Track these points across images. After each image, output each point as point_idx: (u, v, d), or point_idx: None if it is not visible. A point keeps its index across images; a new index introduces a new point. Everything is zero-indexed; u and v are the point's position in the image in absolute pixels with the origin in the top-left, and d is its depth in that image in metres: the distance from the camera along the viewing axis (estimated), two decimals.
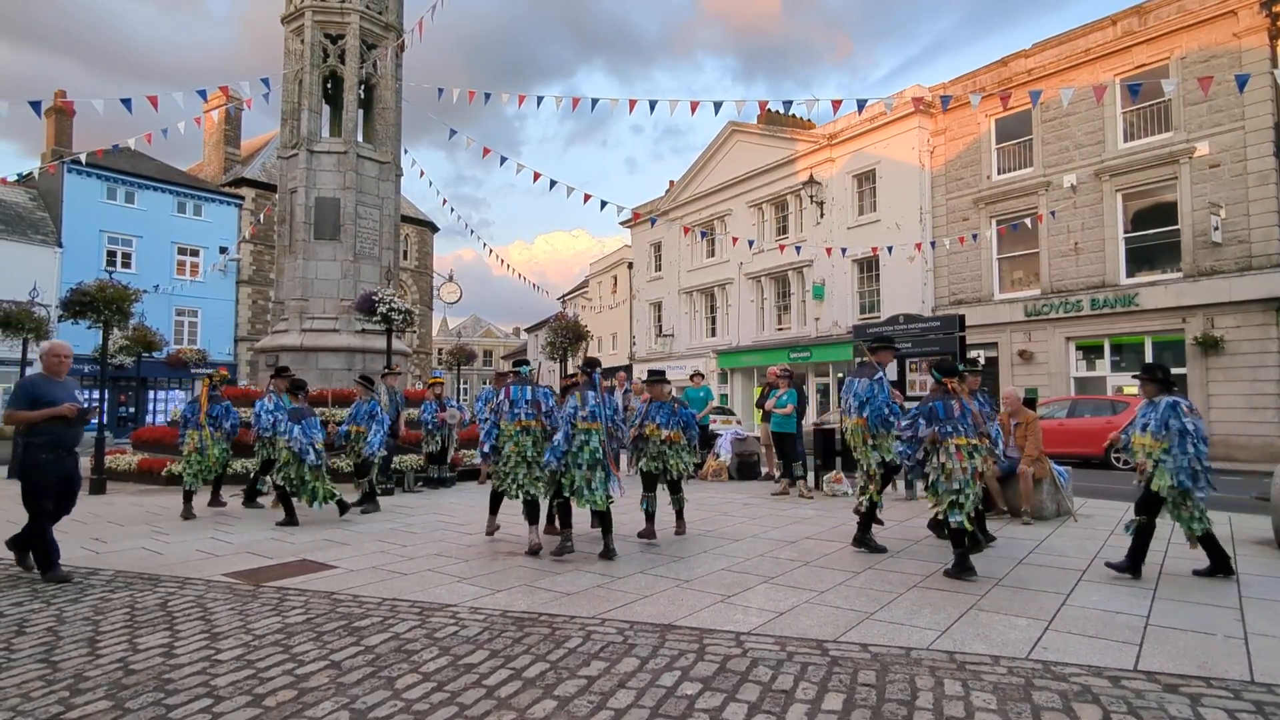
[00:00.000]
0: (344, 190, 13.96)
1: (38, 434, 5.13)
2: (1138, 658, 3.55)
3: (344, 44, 14.22)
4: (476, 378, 62.06)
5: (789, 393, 9.87)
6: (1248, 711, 2.94)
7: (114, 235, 29.25)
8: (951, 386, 5.34)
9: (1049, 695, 3.09)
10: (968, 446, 5.15)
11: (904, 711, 2.94)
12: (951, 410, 5.20)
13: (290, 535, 6.98)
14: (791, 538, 6.71)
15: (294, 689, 3.21)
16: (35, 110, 10.34)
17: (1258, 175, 16.11)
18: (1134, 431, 5.25)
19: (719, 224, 30.44)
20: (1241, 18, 16.25)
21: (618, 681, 3.27)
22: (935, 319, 10.29)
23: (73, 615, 4.38)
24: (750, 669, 3.40)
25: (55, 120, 28.24)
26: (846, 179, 25.06)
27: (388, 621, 4.18)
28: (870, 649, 3.67)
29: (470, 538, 6.82)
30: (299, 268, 13.75)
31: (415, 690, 3.19)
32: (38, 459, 5.12)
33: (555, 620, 4.19)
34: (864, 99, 11.37)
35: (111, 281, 11.21)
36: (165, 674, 3.40)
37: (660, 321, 34.66)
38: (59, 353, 5.38)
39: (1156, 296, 17.39)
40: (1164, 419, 4.98)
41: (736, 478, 11.87)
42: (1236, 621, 4.14)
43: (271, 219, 17.31)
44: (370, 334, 13.54)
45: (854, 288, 24.80)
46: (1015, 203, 20.21)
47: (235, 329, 32.66)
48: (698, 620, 4.17)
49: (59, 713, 3.00)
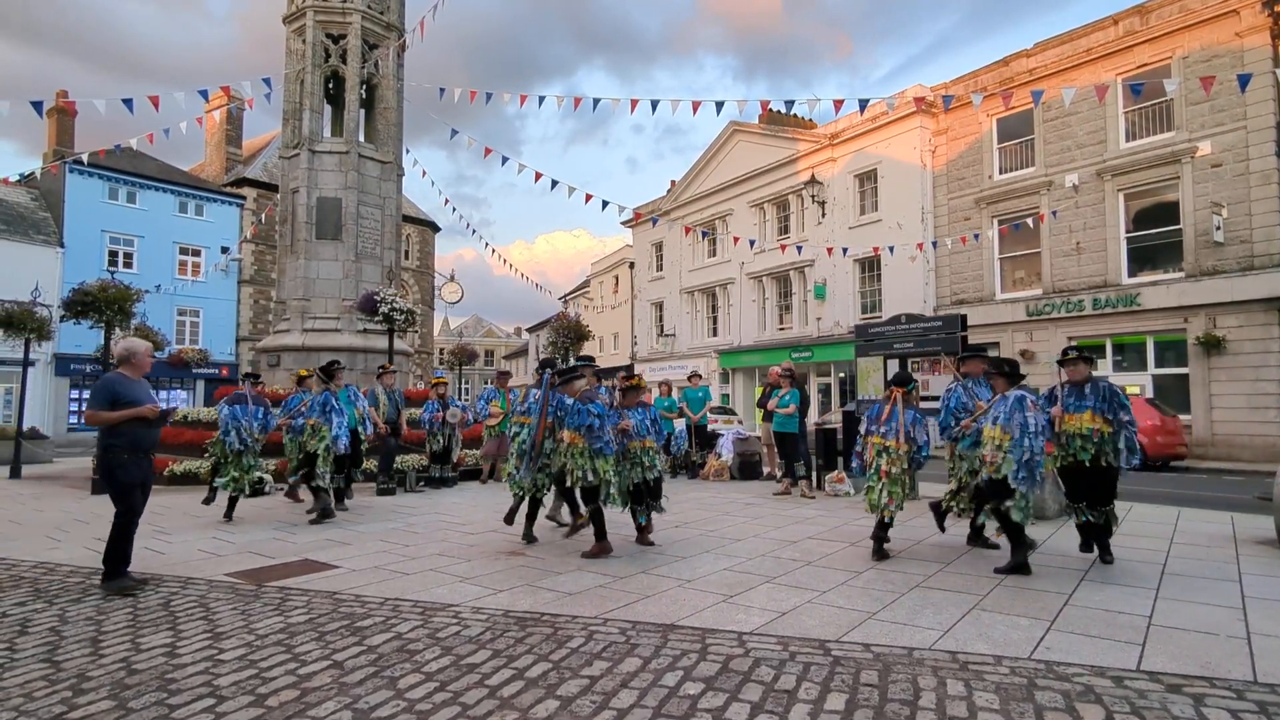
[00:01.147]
0: (346, 190, 13.97)
1: (118, 435, 5.03)
2: (1140, 658, 3.54)
3: (345, 44, 14.22)
4: (478, 377, 62.06)
5: (791, 392, 9.85)
6: (1251, 712, 2.93)
7: (116, 235, 29.28)
8: (894, 395, 5.80)
9: (1052, 695, 3.08)
10: (879, 445, 5.72)
11: (907, 712, 2.94)
12: (881, 414, 5.82)
13: (292, 535, 6.99)
14: (794, 537, 6.70)
15: (296, 689, 3.22)
16: (37, 110, 10.35)
17: (1260, 175, 16.09)
18: (985, 423, 5.56)
19: (720, 224, 30.44)
20: (1243, 17, 16.23)
21: (620, 681, 3.27)
22: (937, 319, 10.26)
23: (75, 615, 4.39)
24: (753, 669, 3.40)
25: (57, 120, 28.27)
26: (848, 179, 25.05)
27: (390, 621, 4.19)
28: (873, 649, 3.67)
29: (472, 538, 6.82)
30: (301, 267, 13.76)
31: (418, 690, 3.19)
32: (120, 459, 5.02)
33: (558, 620, 4.19)
34: (865, 99, 11.38)
35: (113, 281, 11.25)
36: (168, 674, 3.41)
37: (662, 321, 34.66)
38: (147, 352, 5.38)
39: (1158, 296, 17.37)
40: (1010, 412, 5.25)
41: (738, 478, 11.86)
42: (1239, 621, 4.13)
43: (273, 219, 17.33)
44: (372, 334, 13.55)
45: (855, 287, 24.79)
46: (1017, 202, 20.20)
47: (237, 329, 32.68)
48: (700, 620, 4.17)
49: (62, 712, 3.01)
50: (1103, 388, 5.51)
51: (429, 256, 41.45)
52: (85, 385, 28.09)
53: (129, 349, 5.31)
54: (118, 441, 5.03)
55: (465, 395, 52.22)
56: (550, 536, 6.74)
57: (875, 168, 24.16)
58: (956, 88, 21.62)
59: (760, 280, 28.56)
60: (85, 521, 7.79)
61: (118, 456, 5.01)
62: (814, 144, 26.18)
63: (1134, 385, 17.74)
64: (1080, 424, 5.47)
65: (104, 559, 5.03)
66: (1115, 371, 18.39)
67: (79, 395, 28.40)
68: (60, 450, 20.04)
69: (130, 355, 5.26)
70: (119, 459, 5.02)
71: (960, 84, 21.71)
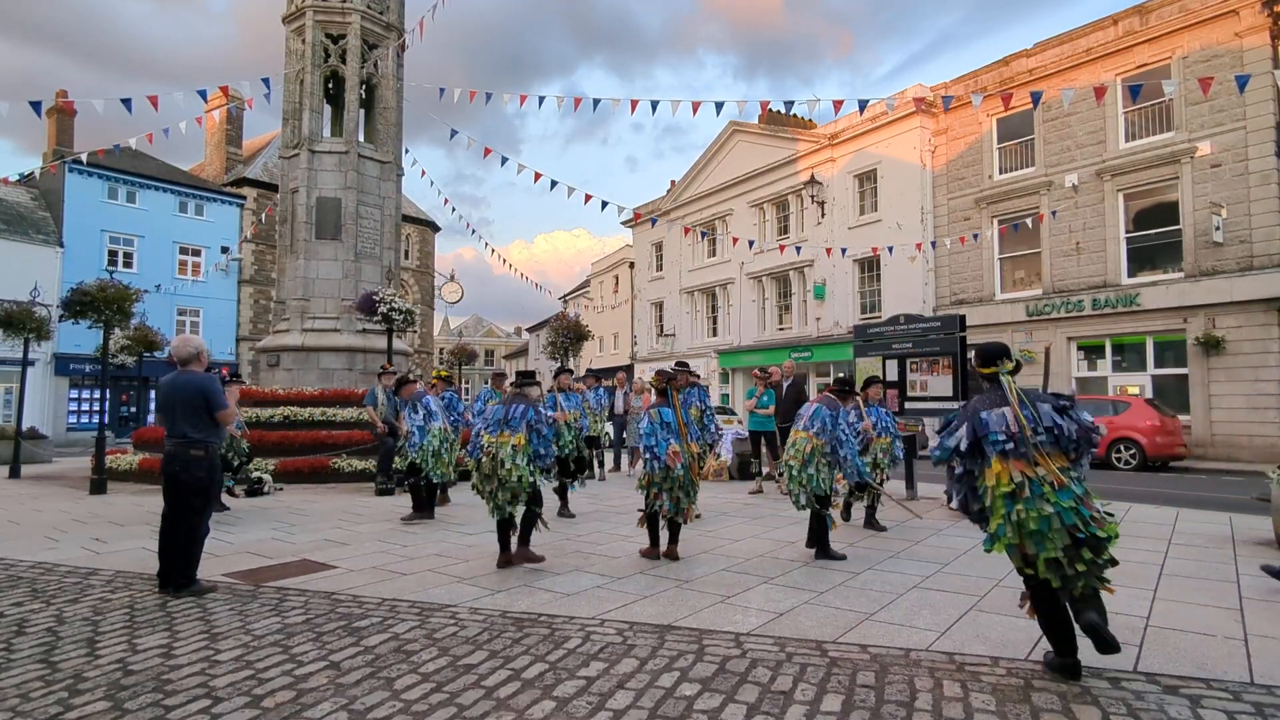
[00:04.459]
0: (345, 190, 13.97)
1: (220, 435, 5.05)
2: (1137, 659, 3.54)
3: (345, 44, 14.22)
4: (478, 377, 62.04)
5: (767, 392, 10.40)
6: (1247, 713, 2.93)
7: (115, 235, 29.26)
8: (830, 392, 6.14)
9: (1048, 697, 3.08)
10: (807, 439, 5.83)
11: (903, 713, 2.94)
12: (819, 413, 5.91)
13: (291, 535, 6.99)
14: (792, 538, 6.70)
15: (293, 689, 3.22)
16: (36, 110, 10.35)
17: (1259, 175, 16.08)
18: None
19: (720, 224, 30.43)
20: (1243, 17, 16.22)
21: (617, 682, 3.27)
22: (936, 319, 10.25)
23: (72, 615, 4.39)
24: (749, 670, 3.40)
25: (56, 120, 28.27)
26: (848, 179, 25.04)
27: (387, 622, 4.18)
28: (869, 650, 3.67)
29: (470, 538, 6.82)
30: (300, 267, 13.76)
31: (414, 691, 3.19)
32: (218, 460, 5.01)
33: (555, 621, 4.19)
34: (865, 99, 11.39)
35: (112, 281, 11.22)
36: (164, 674, 3.41)
37: (662, 321, 34.65)
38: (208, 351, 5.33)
39: (1158, 296, 17.36)
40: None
41: (737, 478, 11.87)
42: (1236, 623, 4.13)
43: (273, 219, 17.33)
44: (371, 334, 13.55)
45: (855, 288, 24.78)
46: (1017, 202, 20.19)
47: (237, 329, 32.68)
48: (697, 621, 4.17)
49: (58, 713, 3.00)
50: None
51: (429, 256, 41.45)
52: (84, 385, 28.14)
53: (197, 348, 5.14)
54: (218, 441, 5.00)
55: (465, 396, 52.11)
56: (551, 537, 6.74)
57: (875, 168, 24.15)
58: (956, 88, 21.61)
59: (760, 280, 28.56)
60: (83, 522, 7.79)
61: (220, 457, 4.93)
62: (814, 144, 26.18)
63: (1134, 385, 17.74)
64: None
65: (182, 569, 4.85)
66: (1115, 371, 18.39)
67: (78, 395, 28.41)
68: (59, 450, 20.05)
69: (199, 353, 5.13)
70: (218, 459, 5.00)
71: (960, 84, 21.70)
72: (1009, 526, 3.23)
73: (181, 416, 4.89)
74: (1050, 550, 3.15)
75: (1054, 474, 3.18)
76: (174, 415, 4.90)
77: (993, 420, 3.32)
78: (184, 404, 4.90)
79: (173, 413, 4.91)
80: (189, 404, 4.90)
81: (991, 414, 3.34)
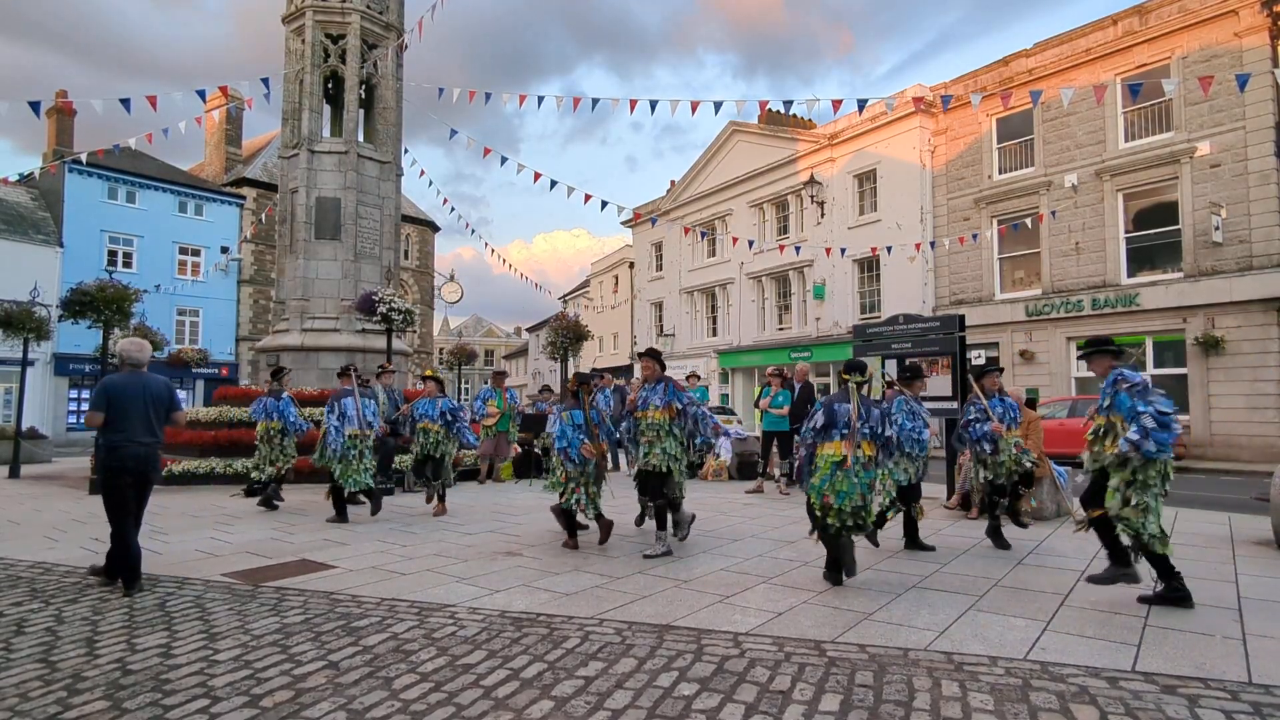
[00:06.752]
0: (345, 190, 13.96)
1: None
2: (1135, 659, 3.55)
3: (345, 44, 14.21)
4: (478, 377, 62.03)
5: (782, 392, 10.25)
6: (1245, 713, 2.94)
7: (115, 235, 29.24)
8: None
9: (1046, 696, 3.09)
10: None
11: (901, 712, 2.94)
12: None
13: (290, 535, 6.99)
14: (791, 537, 6.70)
15: (291, 689, 3.22)
16: (35, 110, 10.35)
17: (1258, 175, 16.09)
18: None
19: (720, 224, 30.43)
20: (1242, 17, 16.23)
21: (615, 682, 3.27)
22: (935, 319, 10.23)
23: (71, 615, 4.39)
24: (748, 669, 3.40)
25: (56, 120, 28.26)
26: (847, 179, 25.05)
27: (386, 622, 4.19)
28: (868, 649, 3.67)
29: (470, 538, 6.83)
30: (300, 267, 13.75)
31: (413, 690, 3.19)
32: None
33: (554, 621, 4.19)
34: (865, 99, 11.38)
35: (112, 281, 11.26)
36: (163, 674, 3.41)
37: (661, 321, 34.66)
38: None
39: (1157, 296, 17.37)
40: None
41: (737, 478, 11.88)
42: (1235, 623, 4.13)
43: (273, 219, 17.32)
44: (371, 334, 13.54)
45: (855, 288, 24.79)
46: (1016, 202, 20.20)
47: (237, 329, 32.67)
48: (696, 620, 4.17)
49: (57, 713, 3.01)
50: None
51: (428, 256, 41.43)
52: (84, 385, 28.12)
53: (150, 352, 5.53)
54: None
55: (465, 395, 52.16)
56: (549, 538, 6.74)
57: (874, 168, 24.16)
58: (956, 87, 21.61)
59: (759, 280, 28.56)
60: (83, 522, 7.79)
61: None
62: (813, 144, 26.18)
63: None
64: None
65: (137, 564, 5.09)
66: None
67: (78, 395, 28.38)
68: (59, 450, 20.05)
69: (151, 357, 5.55)
70: None
71: (960, 84, 21.70)
72: (828, 483, 4.76)
73: (155, 418, 5.12)
74: (845, 505, 4.73)
75: (868, 456, 4.79)
76: (146, 416, 5.06)
77: (840, 411, 4.86)
78: (156, 406, 5.13)
79: (145, 413, 5.06)
80: (160, 406, 5.16)
81: (840, 407, 4.87)
